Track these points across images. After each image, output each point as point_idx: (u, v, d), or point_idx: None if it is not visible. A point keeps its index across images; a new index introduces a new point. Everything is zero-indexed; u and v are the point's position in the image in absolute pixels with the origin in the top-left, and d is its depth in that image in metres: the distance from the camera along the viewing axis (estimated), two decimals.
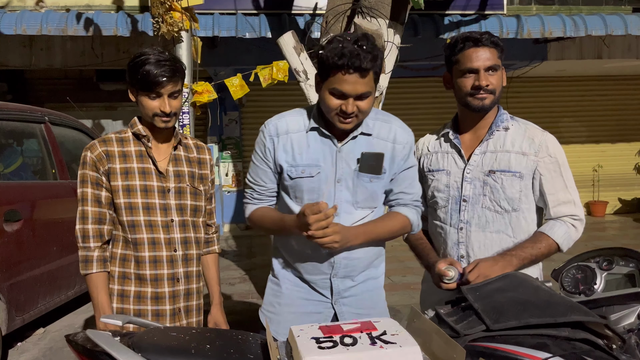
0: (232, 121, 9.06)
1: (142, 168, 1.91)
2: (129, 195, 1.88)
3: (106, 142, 1.92)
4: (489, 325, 1.28)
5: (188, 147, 2.05)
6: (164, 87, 1.82)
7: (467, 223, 1.89)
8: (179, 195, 1.95)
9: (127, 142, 1.93)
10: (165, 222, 1.91)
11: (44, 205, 3.96)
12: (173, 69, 1.84)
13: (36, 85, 8.49)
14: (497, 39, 1.82)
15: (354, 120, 1.68)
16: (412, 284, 4.93)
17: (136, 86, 1.84)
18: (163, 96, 1.84)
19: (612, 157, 9.88)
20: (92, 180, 1.89)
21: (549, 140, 1.85)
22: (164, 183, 1.92)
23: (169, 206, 1.92)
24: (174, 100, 1.87)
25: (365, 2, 3.41)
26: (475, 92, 1.81)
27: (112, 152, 1.90)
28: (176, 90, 1.87)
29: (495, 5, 7.09)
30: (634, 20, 6.35)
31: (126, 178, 1.89)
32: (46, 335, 4.19)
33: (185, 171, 1.98)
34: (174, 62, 1.86)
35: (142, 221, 1.89)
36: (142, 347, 1.27)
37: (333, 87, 1.63)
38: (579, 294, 1.65)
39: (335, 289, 1.78)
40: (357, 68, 1.58)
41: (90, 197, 1.88)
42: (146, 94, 1.84)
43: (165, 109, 1.84)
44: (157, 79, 1.80)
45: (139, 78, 1.81)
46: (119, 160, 1.89)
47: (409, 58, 5.93)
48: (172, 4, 3.80)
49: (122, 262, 1.91)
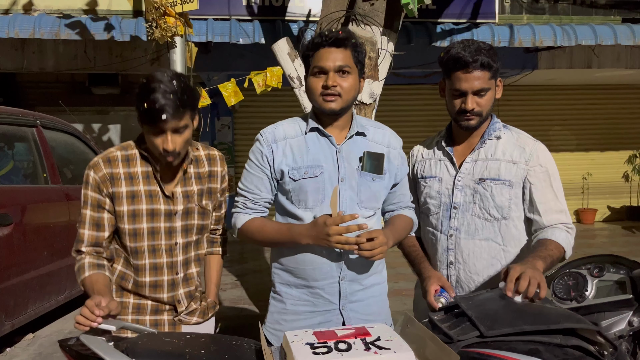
0: (224, 126, 9.05)
1: (149, 191, 1.79)
2: (134, 221, 1.78)
3: (111, 162, 1.78)
4: (483, 331, 1.29)
5: (199, 160, 1.90)
6: (167, 124, 1.64)
7: (456, 230, 1.90)
8: (186, 217, 1.85)
9: (134, 162, 1.80)
10: (168, 245, 1.83)
11: (35, 210, 3.94)
12: (179, 102, 1.64)
13: (28, 88, 8.43)
14: (489, 59, 1.75)
15: (338, 99, 1.71)
16: (404, 289, 4.94)
17: (141, 116, 1.68)
18: (165, 132, 1.66)
19: (601, 165, 9.97)
20: (92, 202, 1.77)
21: (540, 150, 1.87)
22: (172, 206, 1.81)
23: (174, 229, 1.83)
24: (178, 136, 1.69)
25: (359, 10, 3.43)
26: (461, 114, 1.82)
27: (117, 174, 1.76)
28: (182, 126, 1.68)
29: (487, 14, 7.16)
30: (623, 30, 6.43)
31: (132, 202, 1.77)
32: (35, 341, 4.15)
33: (195, 190, 1.86)
34: (182, 93, 1.65)
35: (145, 247, 1.80)
36: (136, 353, 1.27)
37: (314, 66, 1.73)
38: (570, 300, 1.67)
39: (343, 292, 1.78)
40: (332, 41, 1.71)
41: (89, 220, 1.78)
42: (148, 127, 1.68)
43: (167, 146, 1.67)
44: (159, 114, 1.62)
45: (142, 110, 1.65)
46: (125, 183, 1.77)
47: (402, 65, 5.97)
48: (167, 9, 3.81)
49: (121, 280, 1.86)
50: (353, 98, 1.76)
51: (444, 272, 1.92)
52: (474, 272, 1.89)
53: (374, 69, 3.43)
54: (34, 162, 4.23)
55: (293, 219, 1.78)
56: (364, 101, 3.39)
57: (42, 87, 8.39)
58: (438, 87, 1.95)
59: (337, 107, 1.72)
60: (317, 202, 1.74)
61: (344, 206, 1.75)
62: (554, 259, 1.71)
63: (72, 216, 4.30)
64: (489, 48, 1.79)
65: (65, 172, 4.68)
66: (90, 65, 7.19)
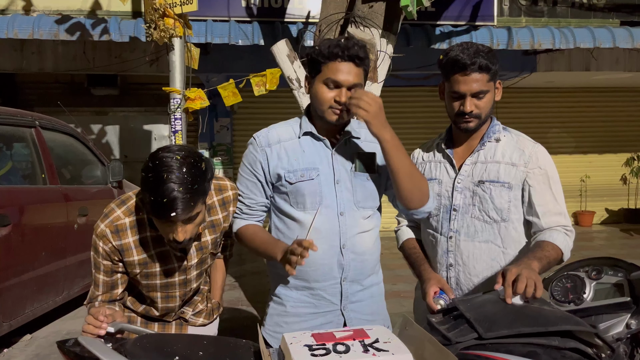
0: (223, 127, 9.05)
1: (161, 252, 1.72)
2: (147, 279, 1.75)
3: (119, 232, 1.65)
4: (481, 333, 1.29)
5: (212, 208, 1.80)
6: (177, 219, 1.49)
7: (456, 232, 1.90)
8: (201, 265, 1.83)
9: (143, 227, 1.68)
10: (183, 292, 1.84)
11: (33, 210, 3.93)
12: (190, 195, 1.47)
13: (27, 89, 8.43)
14: (488, 62, 1.75)
15: (344, 114, 1.71)
16: (402, 292, 4.94)
17: (146, 205, 1.54)
18: (175, 224, 1.52)
19: (599, 168, 9.98)
20: (105, 269, 1.70)
21: (540, 152, 1.87)
22: (186, 262, 1.77)
23: (189, 280, 1.82)
24: (190, 224, 1.55)
25: (359, 12, 3.44)
26: (460, 117, 1.83)
27: (128, 244, 1.67)
28: (193, 215, 1.52)
29: (486, 16, 7.17)
30: (622, 33, 6.44)
31: (145, 267, 1.72)
32: (33, 342, 4.14)
33: (209, 240, 1.80)
34: (193, 183, 1.48)
35: (158, 295, 1.80)
36: (134, 354, 1.27)
37: (327, 78, 1.69)
38: (568, 303, 1.67)
39: (345, 293, 1.79)
40: (351, 56, 1.66)
41: (102, 284, 1.73)
42: (157, 219, 1.54)
43: (177, 237, 1.54)
44: (168, 212, 1.46)
45: (148, 200, 1.48)
46: (136, 251, 1.68)
47: (401, 67, 5.98)
48: (166, 10, 3.81)
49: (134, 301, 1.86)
50: None
51: (444, 274, 1.93)
52: (473, 274, 1.89)
53: (373, 71, 3.44)
54: (33, 163, 4.23)
55: (292, 220, 1.79)
56: None
57: (41, 88, 8.39)
58: (438, 89, 1.95)
59: (342, 121, 1.74)
60: (314, 204, 1.75)
61: (342, 207, 1.77)
62: (551, 259, 1.71)
63: (71, 217, 4.30)
64: (488, 50, 1.79)
65: (64, 172, 4.68)
66: (89, 66, 7.19)
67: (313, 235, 1.67)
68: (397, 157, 1.68)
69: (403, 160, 1.70)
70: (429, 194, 1.79)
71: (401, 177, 1.70)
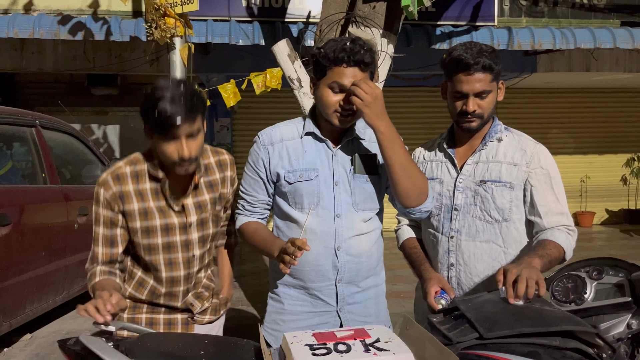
0: (223, 127, 9.05)
1: (160, 207, 1.76)
2: (148, 236, 1.76)
3: (120, 179, 1.74)
4: (482, 333, 1.29)
5: (209, 168, 1.85)
6: (181, 129, 1.60)
7: (457, 232, 1.90)
8: (202, 227, 1.82)
9: (143, 178, 1.75)
10: (186, 258, 1.81)
11: (33, 210, 3.93)
12: (190, 105, 1.61)
13: (27, 88, 8.42)
14: (491, 62, 1.76)
15: (350, 118, 1.71)
16: (402, 292, 4.94)
17: (150, 126, 1.65)
18: (180, 138, 1.62)
19: (599, 168, 9.99)
20: (105, 220, 1.74)
21: (541, 152, 1.87)
22: (185, 218, 1.78)
23: (190, 242, 1.81)
24: (192, 141, 1.65)
25: (359, 12, 3.44)
26: (462, 116, 1.83)
27: (127, 192, 1.73)
28: (195, 130, 1.64)
29: (487, 17, 7.18)
30: (622, 34, 6.45)
31: (145, 218, 1.74)
32: (33, 341, 4.14)
33: (207, 199, 1.82)
34: (191, 97, 1.62)
35: (161, 260, 1.78)
36: (135, 353, 1.27)
37: (333, 82, 1.67)
38: (569, 303, 1.67)
39: (341, 294, 1.79)
40: (357, 61, 1.64)
41: (102, 239, 1.76)
42: (161, 137, 1.63)
43: (183, 153, 1.62)
44: (172, 120, 1.58)
45: (152, 119, 1.61)
46: (136, 199, 1.74)
47: (401, 68, 5.98)
48: (167, 10, 3.81)
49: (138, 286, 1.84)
50: None
51: (445, 274, 1.93)
52: (474, 274, 1.89)
53: None
54: (33, 162, 4.23)
55: (291, 222, 1.80)
56: None
57: (41, 87, 8.38)
58: (438, 89, 1.95)
59: (348, 124, 1.74)
60: (312, 205, 1.75)
61: (339, 209, 1.76)
62: (552, 258, 1.70)
63: (71, 216, 4.30)
64: (492, 50, 1.80)
65: (64, 172, 4.68)
66: (90, 66, 7.19)
67: (308, 236, 1.68)
68: (391, 149, 1.66)
69: (398, 154, 1.67)
70: (427, 192, 1.77)
71: (396, 171, 1.68)
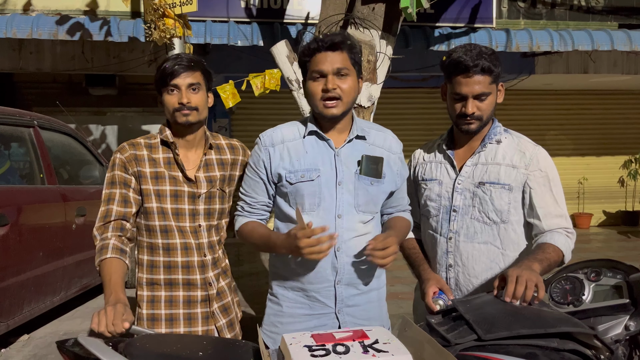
0: (221, 128, 9.04)
1: (172, 175, 1.89)
2: (159, 200, 1.86)
3: (135, 145, 1.91)
4: (481, 335, 1.29)
5: (221, 148, 2.02)
6: (180, 78, 1.82)
7: (456, 233, 1.91)
8: (209, 200, 1.93)
9: (156, 149, 1.92)
10: (193, 227, 1.90)
11: (31, 210, 3.92)
12: (190, 62, 1.85)
13: (25, 89, 8.40)
14: (490, 64, 1.76)
15: (339, 103, 1.71)
16: (400, 293, 4.94)
17: (158, 87, 1.86)
18: (181, 89, 1.83)
19: (597, 170, 10.01)
20: (120, 180, 1.86)
21: (540, 154, 1.87)
22: (195, 189, 1.90)
23: (197, 212, 1.90)
24: (193, 93, 1.85)
25: (358, 13, 3.44)
26: (461, 118, 1.83)
27: (142, 156, 1.89)
28: (195, 83, 1.85)
29: (485, 19, 7.19)
30: (620, 36, 6.47)
31: (157, 182, 1.87)
32: (30, 342, 4.13)
33: (217, 175, 1.96)
34: (194, 59, 1.88)
35: (174, 226, 1.87)
36: (134, 354, 1.27)
37: (312, 71, 1.73)
38: (567, 304, 1.67)
39: (339, 296, 1.77)
40: (328, 46, 1.70)
41: (117, 197, 1.84)
42: (166, 90, 1.85)
43: (182, 100, 1.82)
44: (173, 70, 1.81)
45: (158, 77, 1.84)
46: (149, 164, 1.88)
47: (400, 69, 5.98)
48: (166, 10, 3.81)
49: (150, 269, 1.89)
50: (353, 100, 1.76)
51: (443, 275, 1.93)
52: (472, 275, 1.89)
53: (373, 72, 3.44)
54: (31, 163, 4.22)
55: (292, 223, 1.78)
56: (362, 104, 3.40)
57: (39, 88, 8.36)
58: (437, 91, 1.95)
59: (339, 112, 1.73)
60: (313, 206, 1.74)
61: (340, 210, 1.75)
62: (552, 261, 1.71)
63: (69, 217, 4.29)
64: (491, 53, 1.80)
65: (62, 172, 4.67)
66: (88, 66, 7.18)
67: None
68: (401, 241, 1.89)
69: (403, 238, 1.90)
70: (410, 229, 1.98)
71: None
